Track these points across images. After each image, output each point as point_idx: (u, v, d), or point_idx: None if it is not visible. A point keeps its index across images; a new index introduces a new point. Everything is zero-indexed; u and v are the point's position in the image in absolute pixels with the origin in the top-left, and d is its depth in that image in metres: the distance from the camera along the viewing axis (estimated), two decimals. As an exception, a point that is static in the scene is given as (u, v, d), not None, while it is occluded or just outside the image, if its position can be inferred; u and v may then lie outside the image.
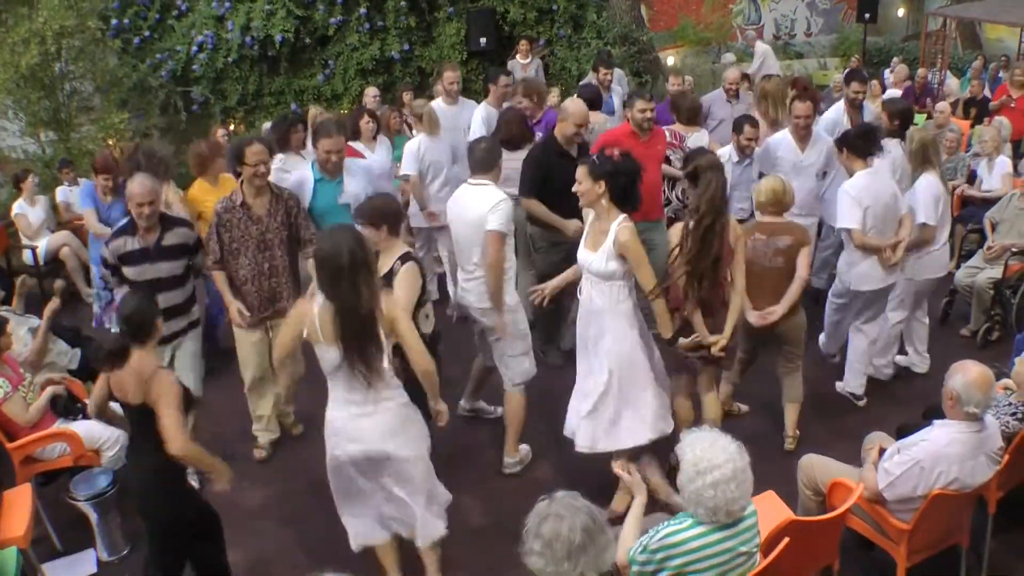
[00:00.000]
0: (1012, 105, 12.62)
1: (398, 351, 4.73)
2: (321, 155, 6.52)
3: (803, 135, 8.01)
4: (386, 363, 4.61)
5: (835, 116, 8.75)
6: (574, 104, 7.27)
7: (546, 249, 7.50)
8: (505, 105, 9.32)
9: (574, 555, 3.16)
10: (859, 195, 6.57)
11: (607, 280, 5.43)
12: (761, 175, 8.09)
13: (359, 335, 4.49)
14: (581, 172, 5.41)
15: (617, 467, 4.61)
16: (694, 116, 8.59)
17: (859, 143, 6.76)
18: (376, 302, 4.51)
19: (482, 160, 6.09)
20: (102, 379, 4.73)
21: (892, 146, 7.51)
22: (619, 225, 5.33)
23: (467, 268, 6.18)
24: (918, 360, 7.67)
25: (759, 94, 9.60)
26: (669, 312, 5.67)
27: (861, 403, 7.16)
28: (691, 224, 5.54)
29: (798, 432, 6.62)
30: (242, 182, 6.27)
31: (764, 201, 6.40)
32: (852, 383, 7.21)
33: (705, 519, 3.65)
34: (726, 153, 8.21)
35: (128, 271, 6.03)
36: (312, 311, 4.56)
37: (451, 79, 9.65)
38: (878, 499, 4.72)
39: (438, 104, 9.65)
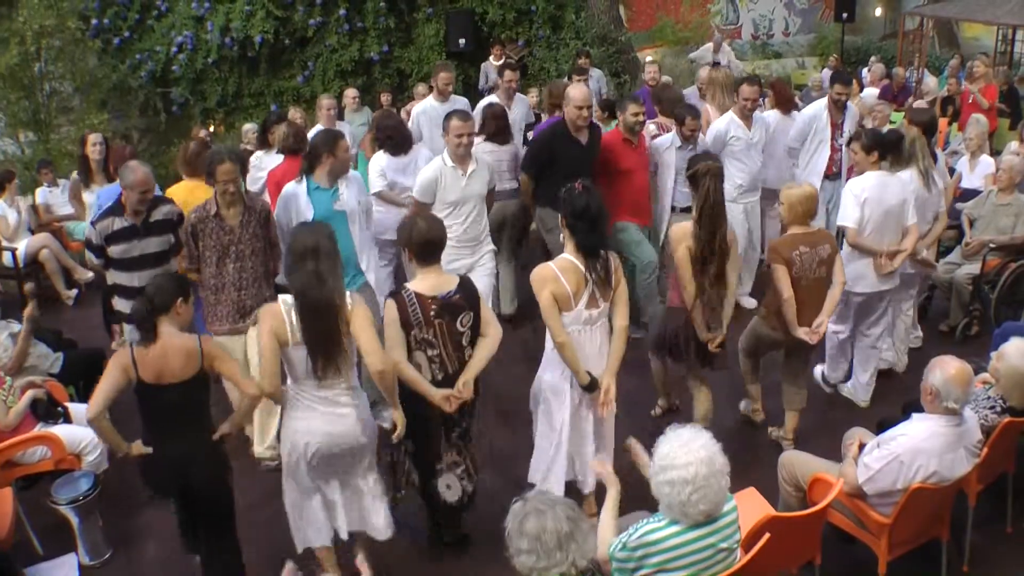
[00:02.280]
0: (970, 100, 12.76)
1: None
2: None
3: (749, 116, 8.43)
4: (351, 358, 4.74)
5: (814, 112, 8.90)
6: (575, 88, 7.33)
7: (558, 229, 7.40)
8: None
9: (564, 544, 3.22)
10: (860, 193, 6.52)
11: None
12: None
13: (323, 325, 4.55)
14: None
15: (594, 464, 4.58)
16: (675, 108, 8.57)
17: (893, 149, 6.75)
18: (338, 295, 4.58)
19: None
20: (114, 374, 4.62)
21: None
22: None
23: None
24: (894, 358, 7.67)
25: (707, 82, 10.06)
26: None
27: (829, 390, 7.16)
28: (695, 228, 5.75)
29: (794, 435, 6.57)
30: (215, 193, 6.28)
31: (802, 211, 6.08)
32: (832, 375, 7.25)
33: (668, 515, 3.67)
34: (668, 140, 8.22)
35: (115, 249, 6.29)
36: (280, 310, 4.57)
37: (446, 79, 9.66)
38: (858, 494, 4.74)
39: (430, 102, 9.66)
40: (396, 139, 7.89)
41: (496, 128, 8.31)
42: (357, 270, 6.67)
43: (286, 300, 4.57)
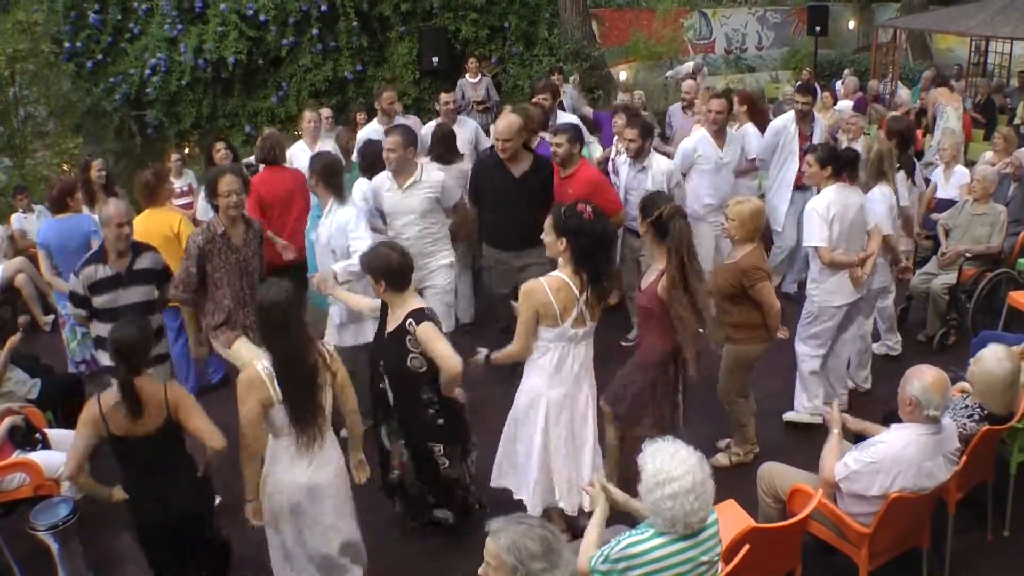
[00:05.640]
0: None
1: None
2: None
3: (718, 132, 8.26)
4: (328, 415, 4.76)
5: (782, 124, 8.96)
6: (502, 119, 7.25)
7: (493, 268, 7.48)
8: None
9: (544, 556, 3.22)
10: (827, 211, 6.47)
11: None
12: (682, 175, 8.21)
13: (301, 387, 4.56)
14: (547, 223, 5.10)
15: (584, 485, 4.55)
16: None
17: (845, 167, 6.65)
18: (312, 354, 4.62)
19: None
20: (85, 431, 4.56)
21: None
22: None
23: None
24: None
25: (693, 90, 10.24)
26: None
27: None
28: (672, 274, 5.28)
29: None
30: (219, 212, 6.16)
31: (754, 228, 6.05)
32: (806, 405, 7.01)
33: (665, 529, 3.65)
34: (621, 158, 8.04)
35: (99, 300, 5.99)
36: (260, 376, 4.55)
37: (390, 99, 9.55)
38: (833, 487, 4.78)
39: (373, 126, 9.50)
40: (379, 165, 7.73)
41: (443, 148, 8.19)
42: None
43: (264, 364, 4.56)
